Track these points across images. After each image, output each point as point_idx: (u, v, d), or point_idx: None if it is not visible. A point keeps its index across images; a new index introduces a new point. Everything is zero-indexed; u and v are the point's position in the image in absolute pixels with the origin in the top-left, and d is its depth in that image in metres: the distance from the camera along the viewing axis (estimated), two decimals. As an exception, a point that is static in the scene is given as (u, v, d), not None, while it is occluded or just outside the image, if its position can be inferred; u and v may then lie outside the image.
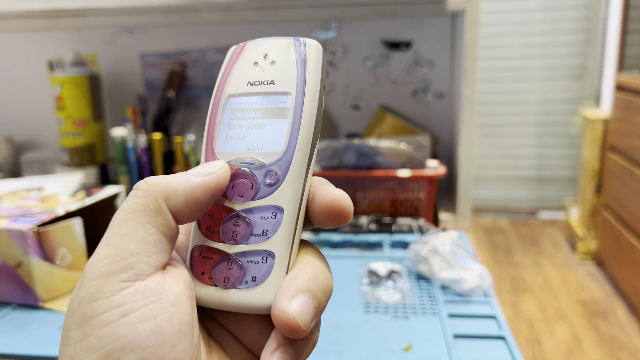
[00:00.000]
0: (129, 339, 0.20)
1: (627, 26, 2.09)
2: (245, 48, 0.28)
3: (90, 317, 0.20)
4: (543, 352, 1.69)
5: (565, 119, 2.76)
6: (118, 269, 0.21)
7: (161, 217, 0.23)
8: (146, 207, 0.22)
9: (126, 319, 0.20)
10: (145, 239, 0.22)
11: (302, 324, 0.22)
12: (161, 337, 0.21)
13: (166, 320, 0.21)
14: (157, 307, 0.21)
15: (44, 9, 1.03)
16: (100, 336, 0.20)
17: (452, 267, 0.70)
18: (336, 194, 0.25)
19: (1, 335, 0.61)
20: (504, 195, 2.90)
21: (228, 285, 0.24)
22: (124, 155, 0.99)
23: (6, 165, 1.15)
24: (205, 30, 1.12)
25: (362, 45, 1.10)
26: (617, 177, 2.03)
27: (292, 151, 0.25)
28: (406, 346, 0.58)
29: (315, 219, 0.25)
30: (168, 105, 1.06)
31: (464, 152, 0.94)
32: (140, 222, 0.22)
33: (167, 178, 0.23)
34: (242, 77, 0.27)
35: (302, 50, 0.26)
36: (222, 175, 0.24)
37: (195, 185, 0.23)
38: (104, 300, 0.21)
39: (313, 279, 0.23)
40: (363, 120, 1.12)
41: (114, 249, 0.22)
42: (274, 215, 0.25)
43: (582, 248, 2.29)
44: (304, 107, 0.25)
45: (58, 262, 0.68)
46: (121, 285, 0.21)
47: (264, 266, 0.24)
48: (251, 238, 0.25)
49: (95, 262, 0.22)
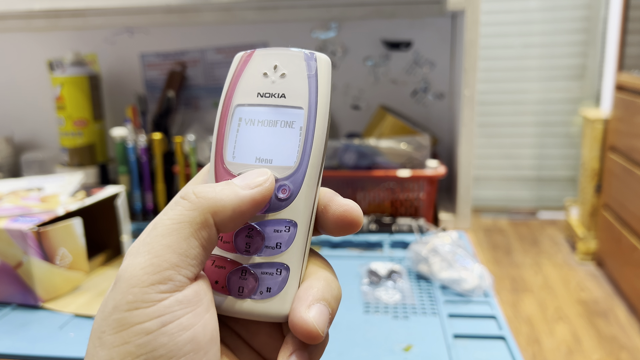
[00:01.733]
0: (168, 348, 0.21)
1: (627, 26, 2.09)
2: (253, 57, 0.27)
3: (129, 324, 0.21)
4: (543, 352, 1.69)
5: (565, 119, 2.76)
6: (158, 280, 0.22)
7: (205, 231, 0.23)
8: (192, 221, 0.23)
9: (166, 328, 0.21)
10: (187, 251, 0.22)
11: (320, 330, 0.23)
12: (197, 344, 0.22)
13: (202, 328, 0.22)
14: (194, 316, 0.22)
15: (44, 9, 1.03)
16: (140, 344, 0.21)
17: (452, 267, 0.70)
18: (348, 205, 0.26)
19: (1, 335, 0.61)
20: (504, 195, 2.90)
21: (243, 295, 0.25)
22: (124, 155, 0.99)
23: (6, 165, 1.15)
24: (205, 30, 1.12)
25: (362, 45, 1.10)
26: (617, 177, 2.03)
27: (305, 167, 0.25)
28: (406, 346, 0.58)
29: (326, 229, 0.27)
30: (168, 105, 1.06)
31: (464, 152, 0.94)
32: (184, 234, 0.22)
33: (216, 191, 0.23)
34: (251, 87, 0.27)
35: (314, 66, 0.26)
36: (268, 189, 0.25)
37: (242, 199, 0.24)
38: (144, 310, 0.21)
39: (326, 288, 0.25)
40: (363, 120, 1.12)
41: (156, 258, 0.22)
42: (288, 229, 0.25)
43: (582, 248, 2.29)
44: (317, 123, 0.26)
45: (58, 262, 0.68)
46: (161, 296, 0.21)
47: (278, 278, 0.25)
48: (265, 250, 0.25)
49: (134, 268, 0.22)
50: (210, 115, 1.16)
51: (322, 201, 0.26)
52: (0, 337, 0.61)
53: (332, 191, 0.27)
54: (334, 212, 0.26)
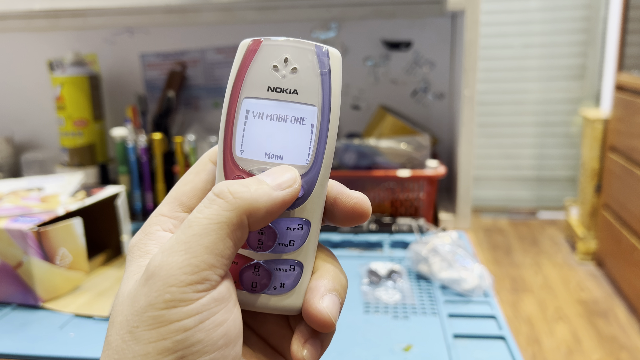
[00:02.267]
0: (204, 343, 0.22)
1: (627, 26, 2.09)
2: (262, 47, 0.26)
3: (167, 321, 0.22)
4: (543, 352, 1.69)
5: (565, 119, 2.76)
6: (196, 280, 0.22)
7: (240, 231, 0.23)
8: (229, 222, 0.23)
9: (203, 325, 0.22)
10: (223, 252, 0.23)
11: (334, 319, 0.25)
12: (229, 338, 0.23)
13: (232, 322, 0.23)
14: (226, 311, 0.23)
15: (44, 9, 1.03)
16: (178, 340, 0.22)
17: (452, 267, 0.70)
18: (359, 197, 0.27)
19: (1, 335, 0.61)
20: (504, 195, 2.90)
21: (256, 290, 0.26)
22: (124, 155, 0.99)
23: (6, 165, 1.15)
24: (205, 30, 1.12)
25: (362, 45, 1.10)
26: (617, 177, 2.03)
27: (319, 167, 0.25)
28: (406, 346, 0.58)
29: (335, 221, 0.27)
30: (168, 105, 1.06)
31: (464, 152, 0.94)
32: (222, 235, 0.23)
33: (251, 191, 0.24)
34: (261, 79, 0.26)
35: (326, 62, 0.26)
36: (297, 190, 0.25)
37: (274, 200, 0.24)
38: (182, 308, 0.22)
39: (336, 279, 0.26)
40: (363, 120, 1.12)
41: (194, 259, 0.22)
42: (301, 227, 0.26)
43: (582, 248, 2.29)
44: (330, 122, 0.26)
45: (58, 262, 0.68)
46: (198, 295, 0.22)
47: (292, 274, 0.26)
48: (278, 247, 0.26)
49: (171, 267, 0.22)
50: (210, 115, 1.16)
51: (331, 194, 0.27)
52: (0, 337, 0.61)
53: (339, 183, 0.27)
54: (345, 205, 0.26)
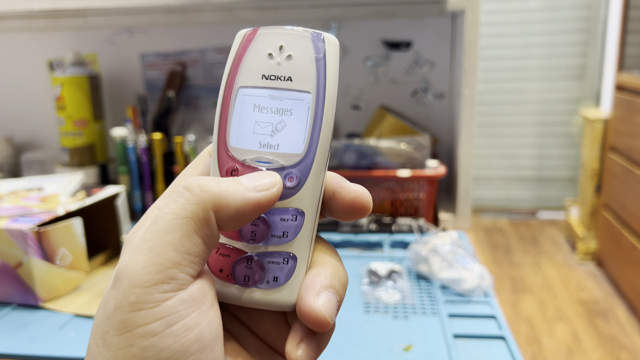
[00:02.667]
0: (174, 349, 0.21)
1: (627, 26, 2.09)
2: (257, 35, 0.26)
3: (132, 326, 0.20)
4: (543, 352, 1.69)
5: (565, 119, 2.76)
6: (160, 280, 0.21)
7: (208, 228, 0.22)
8: (195, 216, 0.22)
9: (171, 329, 0.21)
10: (190, 249, 0.22)
11: (329, 318, 0.23)
12: (203, 343, 0.21)
13: (207, 326, 0.22)
14: (199, 314, 0.21)
15: (44, 9, 1.03)
16: (145, 347, 0.20)
17: (452, 267, 0.70)
18: (358, 191, 0.25)
19: (1, 335, 0.61)
20: (504, 195, 2.90)
21: (249, 284, 0.25)
22: (124, 155, 0.99)
23: (6, 165, 1.15)
24: (205, 30, 1.12)
25: (362, 45, 1.10)
26: (617, 177, 2.03)
27: (313, 156, 0.25)
28: (406, 346, 0.58)
29: (335, 215, 0.26)
30: (168, 105, 1.06)
31: (464, 152, 0.94)
32: (187, 231, 0.21)
33: (222, 186, 0.22)
34: (256, 68, 0.26)
35: (322, 48, 0.25)
36: (275, 194, 0.23)
37: (246, 200, 0.23)
38: (148, 311, 0.21)
39: (334, 275, 0.25)
40: (363, 120, 1.12)
41: (157, 257, 0.21)
42: (295, 218, 0.25)
43: (582, 248, 2.29)
44: (325, 109, 0.25)
45: (58, 262, 0.68)
46: (165, 295, 0.21)
47: (285, 267, 0.25)
48: (271, 239, 0.25)
49: (135, 267, 0.21)
50: (210, 115, 1.16)
51: (330, 187, 0.26)
52: (0, 337, 0.61)
53: (339, 176, 0.26)
54: (344, 198, 0.25)
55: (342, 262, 0.26)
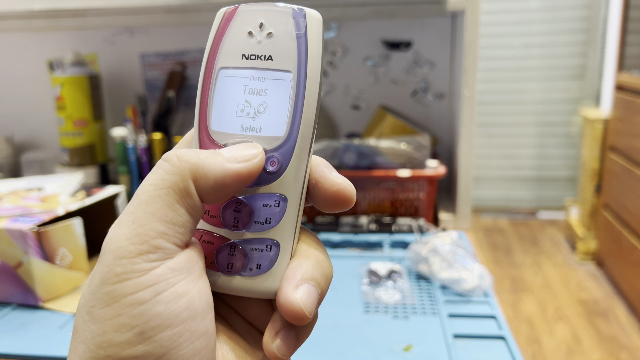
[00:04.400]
0: (165, 316, 0.20)
1: (627, 26, 2.09)
2: (237, 13, 0.25)
3: (120, 296, 0.20)
4: (543, 352, 1.69)
5: (565, 119, 2.76)
6: (146, 250, 0.21)
7: (190, 198, 0.22)
8: (175, 186, 0.21)
9: (160, 297, 0.20)
10: (174, 219, 0.21)
11: (307, 312, 0.22)
12: (193, 311, 0.21)
13: (197, 294, 0.21)
14: (188, 282, 0.21)
15: (44, 9, 1.03)
16: (134, 315, 0.20)
17: (452, 267, 0.70)
18: (341, 184, 0.25)
19: (1, 335, 0.61)
20: (504, 195, 2.90)
21: (232, 272, 0.24)
22: (124, 155, 0.99)
23: (6, 165, 1.15)
24: (205, 30, 1.11)
25: (362, 45, 1.10)
26: (617, 177, 2.03)
27: (295, 138, 0.24)
28: (406, 346, 0.58)
29: (317, 204, 0.25)
30: (168, 105, 1.06)
31: (464, 152, 0.94)
32: (169, 201, 0.21)
33: (200, 156, 0.22)
34: (236, 48, 0.25)
35: (303, 24, 0.24)
36: (256, 165, 0.23)
37: (226, 171, 0.22)
38: (135, 280, 0.20)
39: (316, 267, 0.24)
40: (363, 120, 1.12)
41: (141, 227, 0.21)
42: (277, 203, 0.24)
43: (582, 248, 2.29)
44: (307, 88, 0.24)
45: (58, 262, 0.68)
46: (152, 264, 0.21)
47: (268, 254, 0.24)
48: (254, 225, 0.24)
49: (120, 240, 0.21)
50: (210, 115, 1.15)
51: (314, 175, 0.25)
52: (0, 337, 0.61)
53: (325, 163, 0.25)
54: (327, 189, 0.24)
55: (328, 255, 0.25)
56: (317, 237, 0.26)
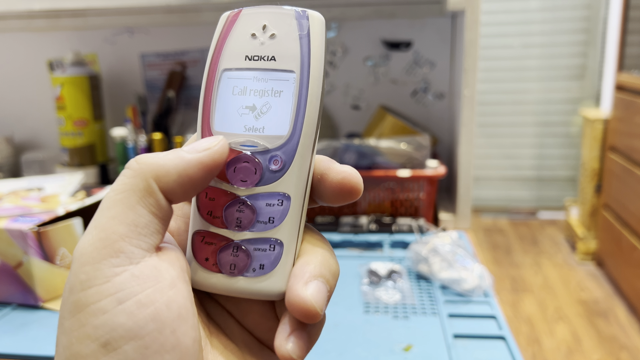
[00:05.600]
0: (128, 327, 0.20)
1: (627, 26, 2.09)
2: (240, 16, 0.25)
3: (84, 305, 0.20)
4: (543, 352, 1.69)
5: (565, 119, 2.76)
6: (108, 254, 0.20)
7: (152, 197, 0.22)
8: (135, 188, 0.21)
9: (123, 306, 0.20)
10: (135, 220, 0.21)
11: (319, 308, 0.22)
12: (161, 322, 0.20)
13: (165, 305, 0.21)
14: (154, 292, 0.21)
15: (44, 9, 1.03)
16: (97, 325, 0.20)
17: (452, 267, 0.70)
18: (346, 171, 0.24)
19: (1, 335, 0.61)
20: (504, 195, 2.90)
21: (235, 273, 0.24)
22: (124, 155, 0.99)
23: (6, 165, 1.15)
24: (205, 30, 1.12)
25: (362, 45, 1.10)
26: (617, 177, 2.03)
27: (298, 137, 0.24)
28: (406, 346, 0.58)
29: (325, 198, 0.25)
30: (168, 105, 1.06)
31: (464, 152, 0.94)
32: (129, 203, 0.21)
33: (159, 156, 0.22)
34: (239, 49, 0.25)
35: (305, 25, 0.24)
36: (217, 152, 0.23)
37: (188, 162, 0.22)
38: (98, 288, 0.20)
39: (324, 264, 0.24)
40: (363, 120, 1.12)
41: (103, 232, 0.21)
42: (281, 202, 0.24)
43: (582, 248, 2.29)
44: (310, 88, 0.24)
45: (58, 262, 0.68)
46: (114, 270, 0.20)
47: (272, 254, 0.24)
48: (257, 225, 0.24)
49: (84, 246, 0.21)
50: (210, 115, 1.15)
51: (318, 170, 0.25)
52: (0, 337, 0.61)
53: (328, 158, 0.25)
54: (332, 179, 0.24)
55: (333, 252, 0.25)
56: (322, 235, 0.26)
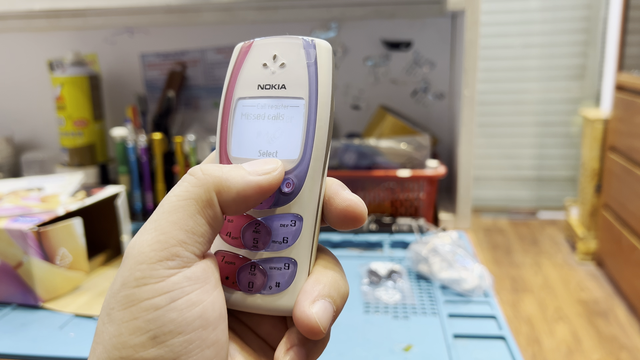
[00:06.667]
0: (177, 323, 0.21)
1: (627, 26, 2.09)
2: (252, 47, 0.27)
3: (137, 300, 0.21)
4: (543, 352, 1.69)
5: (565, 119, 2.76)
6: (165, 256, 0.22)
7: (211, 209, 0.23)
8: (198, 197, 0.23)
9: (175, 304, 0.21)
10: (194, 229, 0.22)
11: (322, 327, 0.23)
12: (206, 320, 0.22)
13: (210, 305, 0.22)
14: (202, 292, 0.22)
15: (44, 9, 1.03)
16: (149, 319, 0.21)
17: (452, 267, 0.70)
18: (352, 200, 0.26)
19: (1, 335, 0.61)
20: (504, 195, 2.90)
21: (253, 291, 0.26)
22: (124, 155, 0.99)
23: (6, 165, 1.15)
24: (205, 30, 1.12)
25: (362, 45, 1.10)
26: (617, 177, 2.03)
27: (308, 160, 0.25)
28: (406, 346, 0.58)
29: (330, 222, 0.26)
30: (168, 105, 1.06)
31: (464, 152, 0.94)
32: (191, 211, 0.22)
33: (223, 170, 0.24)
34: (252, 79, 0.27)
35: (313, 53, 0.26)
36: (276, 178, 0.24)
37: (248, 183, 0.24)
38: (153, 286, 0.21)
39: (333, 285, 0.25)
40: (363, 120, 1.12)
41: (162, 235, 0.22)
42: (294, 223, 0.25)
43: (582, 248, 2.29)
44: (318, 113, 0.25)
45: (58, 262, 0.68)
46: (169, 272, 0.22)
47: (286, 272, 0.25)
48: (272, 245, 0.25)
49: (142, 245, 0.22)
50: (210, 115, 1.16)
51: (328, 193, 0.26)
52: (0, 337, 0.61)
53: (338, 183, 0.26)
54: (337, 206, 0.26)
55: (344, 274, 0.27)
56: (334, 256, 0.27)
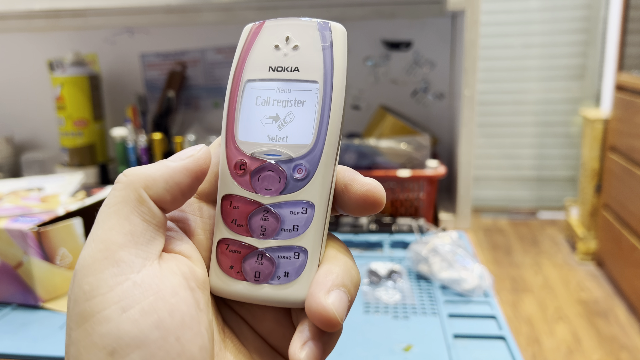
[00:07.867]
0: (133, 335, 0.20)
1: (627, 26, 2.09)
2: (263, 28, 0.26)
3: (89, 315, 0.20)
4: (543, 352, 1.69)
5: (565, 119, 2.76)
6: (109, 264, 0.21)
7: (144, 206, 0.22)
8: (127, 199, 0.22)
9: (127, 314, 0.20)
10: (131, 230, 0.22)
11: (339, 317, 0.22)
12: (165, 330, 0.21)
13: (168, 313, 0.21)
14: (157, 300, 0.21)
15: (44, 9, 1.03)
16: (103, 334, 0.20)
17: (452, 267, 0.70)
18: (371, 184, 0.24)
19: (1, 335, 0.61)
20: (504, 195, 2.90)
21: (260, 281, 0.24)
22: (124, 155, 0.99)
23: (6, 165, 1.15)
24: (205, 30, 1.12)
25: (362, 45, 1.10)
26: (617, 177, 2.03)
27: (322, 146, 0.24)
28: (406, 346, 0.58)
29: (347, 209, 0.25)
30: (168, 105, 1.06)
31: (464, 152, 0.94)
32: (124, 214, 0.22)
33: (145, 167, 0.23)
34: (262, 60, 0.25)
35: (328, 36, 0.25)
36: (200, 158, 0.24)
37: (173, 170, 0.23)
38: (102, 297, 0.20)
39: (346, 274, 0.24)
40: (363, 120, 1.12)
41: (102, 243, 0.21)
42: (305, 210, 0.24)
43: (582, 248, 2.29)
44: (333, 98, 0.24)
45: (58, 262, 0.68)
46: (116, 279, 0.21)
47: (296, 262, 0.24)
48: (281, 233, 0.24)
49: (84, 259, 0.21)
50: (210, 115, 1.16)
51: (342, 180, 0.25)
52: (0, 337, 0.61)
53: (351, 169, 0.25)
54: (356, 191, 0.24)
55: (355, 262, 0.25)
56: (344, 244, 0.26)
